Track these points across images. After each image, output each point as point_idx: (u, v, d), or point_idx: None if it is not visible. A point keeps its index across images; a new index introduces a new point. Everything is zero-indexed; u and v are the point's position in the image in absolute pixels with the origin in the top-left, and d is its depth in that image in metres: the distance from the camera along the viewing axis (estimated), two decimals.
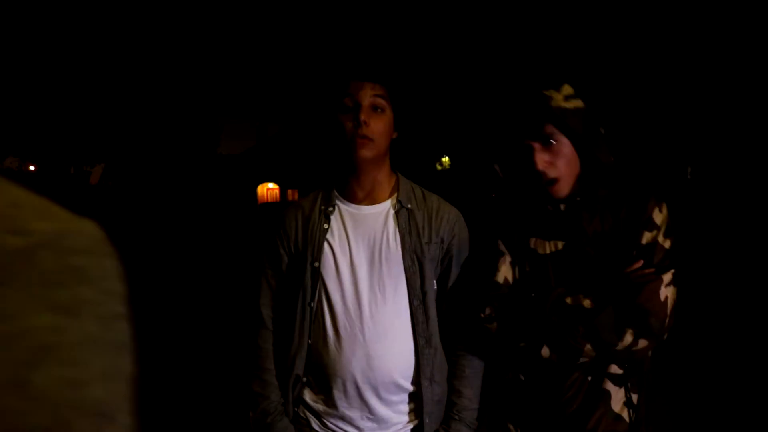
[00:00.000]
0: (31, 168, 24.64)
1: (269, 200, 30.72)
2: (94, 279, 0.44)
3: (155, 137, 24.01)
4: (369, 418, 1.39)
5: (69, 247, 0.43)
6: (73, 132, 21.30)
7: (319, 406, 1.41)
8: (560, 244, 1.43)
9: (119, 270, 0.48)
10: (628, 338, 1.32)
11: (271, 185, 31.31)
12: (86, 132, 21.70)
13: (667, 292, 1.36)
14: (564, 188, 1.41)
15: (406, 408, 1.42)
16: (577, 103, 1.44)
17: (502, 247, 1.48)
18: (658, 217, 1.40)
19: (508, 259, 1.47)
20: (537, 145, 1.41)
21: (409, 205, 1.46)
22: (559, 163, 1.41)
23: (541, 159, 1.40)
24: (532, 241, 1.46)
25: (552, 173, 1.40)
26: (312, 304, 1.40)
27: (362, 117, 1.36)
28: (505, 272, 1.46)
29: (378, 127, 1.39)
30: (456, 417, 1.42)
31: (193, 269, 9.35)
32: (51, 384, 0.40)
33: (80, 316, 0.42)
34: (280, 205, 27.44)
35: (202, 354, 4.53)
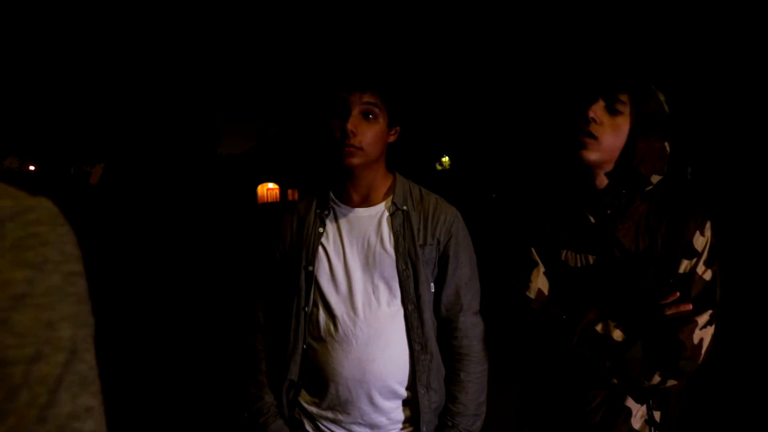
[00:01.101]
0: (31, 168, 24.63)
1: (269, 200, 30.72)
2: (54, 243, 0.54)
3: (155, 137, 24.00)
4: (362, 423, 1.38)
5: (31, 219, 0.53)
6: (73, 132, 21.28)
7: (313, 409, 1.40)
8: (591, 258, 1.33)
9: (74, 237, 0.56)
10: (656, 378, 1.22)
11: (271, 185, 31.32)
12: (86, 132, 21.69)
13: (702, 334, 1.26)
14: (595, 153, 1.27)
15: (401, 415, 1.39)
16: (663, 105, 1.36)
17: (536, 257, 1.40)
18: (699, 241, 1.29)
19: (542, 269, 1.39)
20: (602, 103, 1.29)
21: (404, 207, 1.44)
22: (608, 127, 1.29)
23: (597, 110, 1.29)
24: (564, 252, 1.38)
25: (595, 129, 1.31)
26: (306, 309, 1.39)
27: (349, 126, 1.34)
28: (540, 284, 1.37)
29: (367, 137, 1.36)
30: (449, 423, 1.39)
31: (193, 269, 9.34)
32: (30, 323, 0.50)
33: (47, 271, 0.52)
34: (280, 205, 27.39)
35: (200, 354, 4.52)
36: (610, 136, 1.29)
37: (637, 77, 1.34)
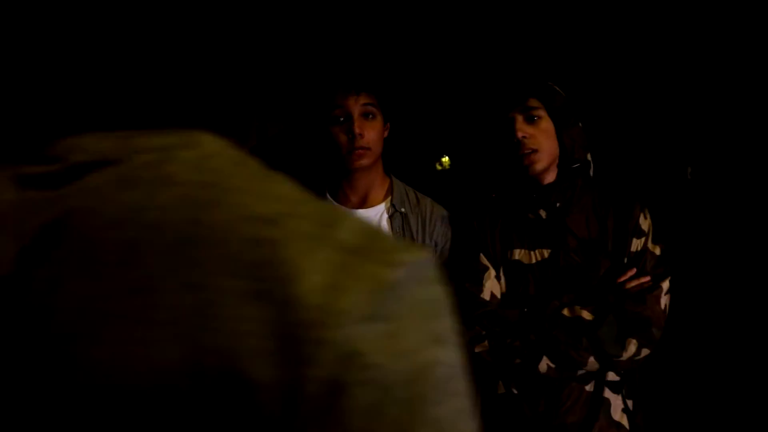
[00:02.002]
0: None
1: None
2: (447, 307, 0.43)
3: None
4: None
5: (428, 277, 0.42)
6: (73, 131, 21.25)
7: None
8: (546, 253, 1.43)
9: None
10: (632, 348, 1.32)
11: None
12: (86, 131, 21.64)
13: (665, 300, 1.37)
14: (542, 162, 1.43)
15: None
16: (562, 94, 1.48)
17: (485, 261, 1.47)
18: (644, 223, 1.42)
19: (492, 273, 1.45)
20: (520, 117, 1.43)
21: (402, 209, 1.44)
22: (539, 137, 1.44)
23: (522, 129, 1.42)
24: (516, 252, 1.46)
25: (531, 144, 1.43)
26: None
27: (356, 129, 1.35)
28: (491, 287, 1.45)
29: (372, 135, 1.38)
30: None
31: None
32: (449, 417, 0.40)
33: (451, 347, 0.42)
34: None
35: None
36: (545, 141, 1.46)
37: (536, 80, 1.48)
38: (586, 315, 1.34)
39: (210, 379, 0.37)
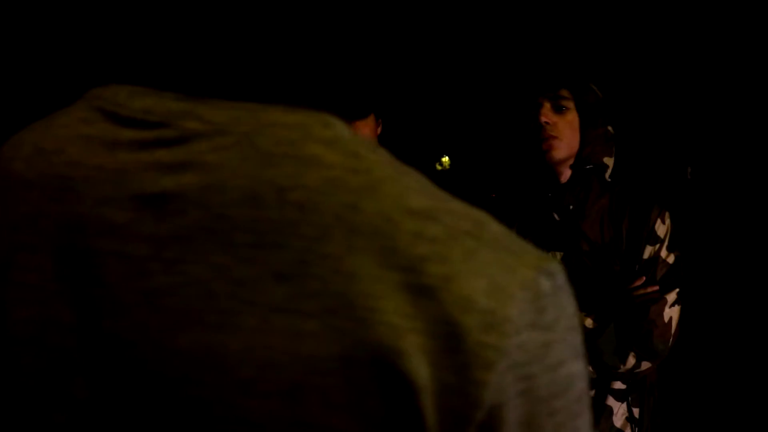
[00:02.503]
0: None
1: None
2: (580, 322, 0.44)
3: None
4: None
5: (568, 289, 0.41)
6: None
7: None
8: (558, 255, 1.40)
9: None
10: (631, 360, 1.29)
11: None
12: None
13: (671, 313, 1.33)
14: (560, 150, 1.40)
15: None
16: (598, 94, 1.46)
17: None
18: (661, 229, 1.37)
19: None
20: (548, 104, 1.41)
21: None
22: (563, 126, 1.41)
23: (548, 115, 1.40)
24: None
25: (553, 131, 1.40)
26: None
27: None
28: None
29: (364, 133, 1.38)
30: None
31: None
32: (587, 428, 0.40)
33: (583, 361, 0.41)
34: None
35: None
36: (568, 132, 1.41)
37: (573, 73, 1.45)
38: (588, 323, 1.32)
39: (364, 376, 0.34)
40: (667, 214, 1.40)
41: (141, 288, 0.37)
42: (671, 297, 1.34)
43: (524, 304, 0.37)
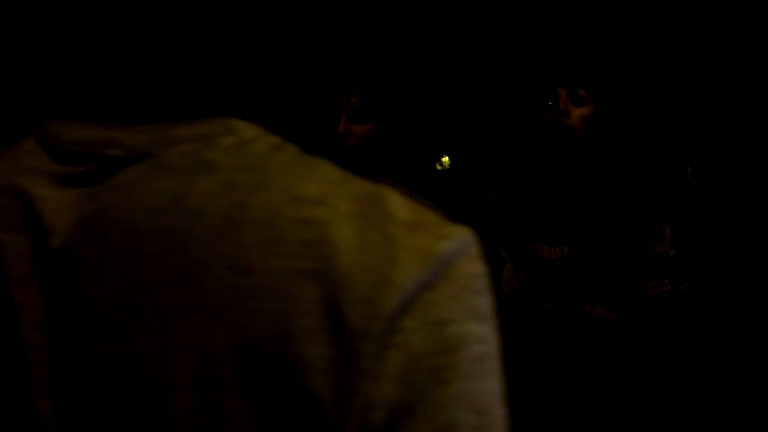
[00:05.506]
0: None
1: None
2: (488, 286, 0.42)
3: None
4: None
5: (473, 252, 0.41)
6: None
7: None
8: (566, 249, 1.42)
9: None
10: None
11: None
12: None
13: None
14: (572, 144, 1.42)
15: None
16: (617, 96, 1.49)
17: (504, 254, 1.48)
18: (665, 228, 1.41)
19: (510, 265, 1.46)
20: (564, 93, 1.44)
21: None
22: (576, 117, 1.44)
23: (564, 102, 1.43)
24: (537, 246, 1.46)
25: (565, 118, 1.42)
26: None
27: (341, 128, 1.36)
28: (509, 277, 1.45)
29: (359, 132, 1.39)
30: None
31: None
32: (482, 396, 0.39)
33: (491, 326, 0.41)
34: None
35: None
36: (581, 122, 1.43)
37: (593, 74, 1.48)
38: (609, 315, 1.36)
39: (255, 364, 0.37)
40: (666, 218, 1.45)
41: (80, 303, 0.41)
42: (685, 288, 1.41)
43: (411, 268, 0.38)
